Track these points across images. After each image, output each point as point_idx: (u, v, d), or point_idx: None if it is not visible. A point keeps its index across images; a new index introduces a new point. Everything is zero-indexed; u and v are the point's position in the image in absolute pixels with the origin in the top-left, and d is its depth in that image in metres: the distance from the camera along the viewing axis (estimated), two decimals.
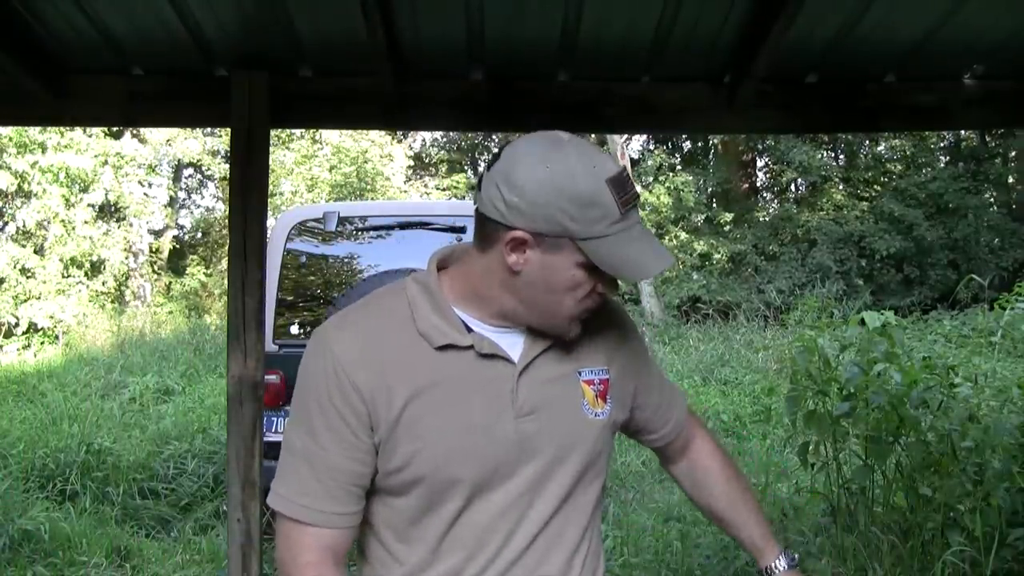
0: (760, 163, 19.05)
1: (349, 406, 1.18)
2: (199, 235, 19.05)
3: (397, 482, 1.21)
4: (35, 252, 13.57)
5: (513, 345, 1.23)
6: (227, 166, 11.55)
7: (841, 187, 17.00)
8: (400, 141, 17.82)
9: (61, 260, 13.47)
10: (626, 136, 14.39)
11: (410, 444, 1.19)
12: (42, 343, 12.63)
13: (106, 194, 14.01)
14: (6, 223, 13.76)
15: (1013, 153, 17.41)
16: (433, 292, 1.23)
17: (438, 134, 19.62)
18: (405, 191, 17.26)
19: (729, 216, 16.75)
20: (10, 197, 13.37)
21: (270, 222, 3.86)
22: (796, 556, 1.48)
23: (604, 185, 1.14)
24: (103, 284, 14.27)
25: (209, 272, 17.04)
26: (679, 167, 18.24)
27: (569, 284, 1.18)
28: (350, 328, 1.23)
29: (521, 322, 1.23)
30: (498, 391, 1.21)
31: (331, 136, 16.08)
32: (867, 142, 17.26)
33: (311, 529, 1.20)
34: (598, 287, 1.20)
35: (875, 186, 17.11)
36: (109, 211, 15.03)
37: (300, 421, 1.22)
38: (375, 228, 5.13)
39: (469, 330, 1.22)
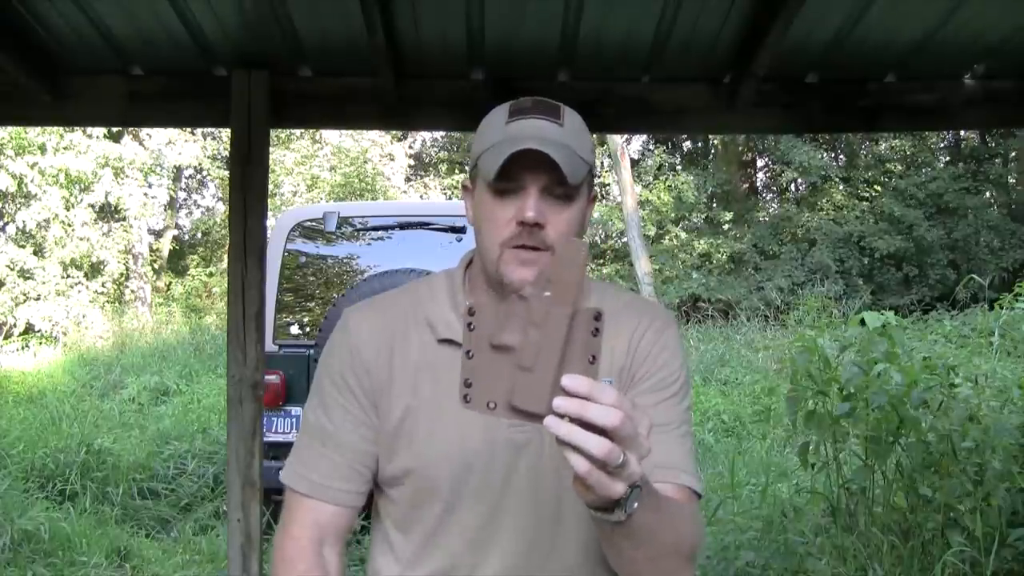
0: (760, 163, 19.08)
1: (357, 380, 1.20)
2: (199, 235, 19.05)
3: (392, 470, 1.21)
4: (34, 253, 13.56)
5: None
6: (226, 168, 11.53)
7: (841, 187, 17.01)
8: (400, 141, 17.83)
9: (61, 262, 13.46)
10: (626, 136, 14.39)
11: (403, 434, 1.19)
12: (40, 343, 12.62)
13: (106, 195, 14.01)
14: (6, 224, 13.75)
15: (1013, 153, 17.42)
16: (455, 284, 1.24)
17: (438, 134, 19.64)
18: (405, 191, 17.28)
19: (729, 216, 16.77)
20: (10, 198, 13.36)
21: (270, 222, 3.85)
22: None
23: (505, 106, 1.16)
24: (102, 285, 14.27)
25: (209, 272, 17.04)
26: (679, 167, 18.27)
27: (485, 212, 1.14)
28: (369, 309, 1.26)
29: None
30: None
31: (331, 136, 16.09)
32: (867, 142, 17.27)
33: (309, 502, 1.21)
34: (515, 214, 1.12)
35: (875, 186, 17.12)
36: (109, 212, 15.02)
37: (315, 396, 1.25)
38: (375, 228, 5.13)
39: None
